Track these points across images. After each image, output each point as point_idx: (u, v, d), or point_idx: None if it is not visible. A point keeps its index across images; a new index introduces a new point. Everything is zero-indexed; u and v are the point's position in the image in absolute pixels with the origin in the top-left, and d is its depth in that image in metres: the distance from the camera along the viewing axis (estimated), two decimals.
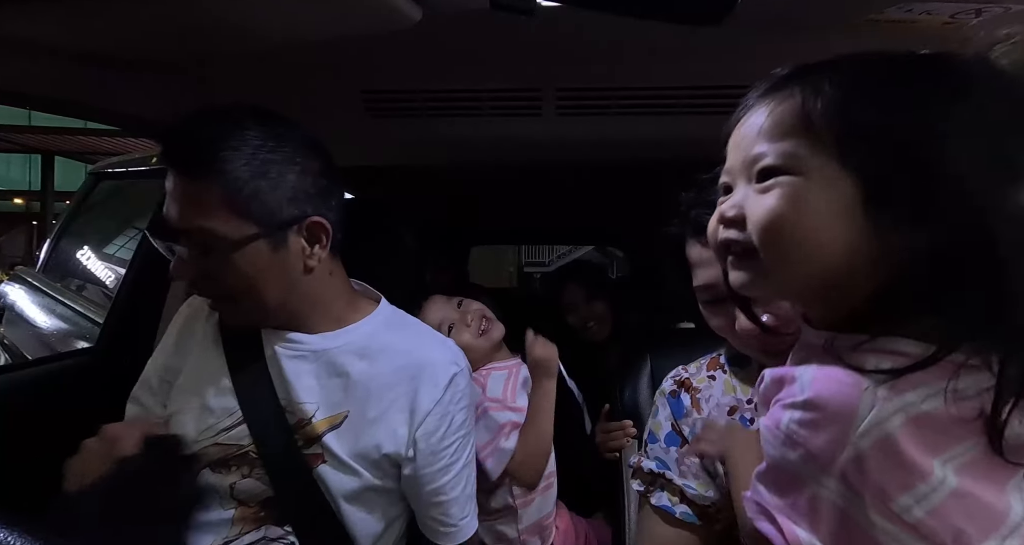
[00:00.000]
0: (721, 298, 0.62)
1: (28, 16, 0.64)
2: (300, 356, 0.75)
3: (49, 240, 2.59)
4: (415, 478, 0.75)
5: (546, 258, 7.72)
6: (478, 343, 1.08)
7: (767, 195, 0.41)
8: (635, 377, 1.02)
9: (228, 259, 0.66)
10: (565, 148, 1.20)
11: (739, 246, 0.43)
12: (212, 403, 0.75)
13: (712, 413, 0.68)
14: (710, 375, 0.72)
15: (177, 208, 0.66)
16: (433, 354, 0.79)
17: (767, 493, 0.42)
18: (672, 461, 0.69)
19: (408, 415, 0.74)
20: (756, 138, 0.43)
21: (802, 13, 0.71)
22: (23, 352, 2.06)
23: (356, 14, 0.67)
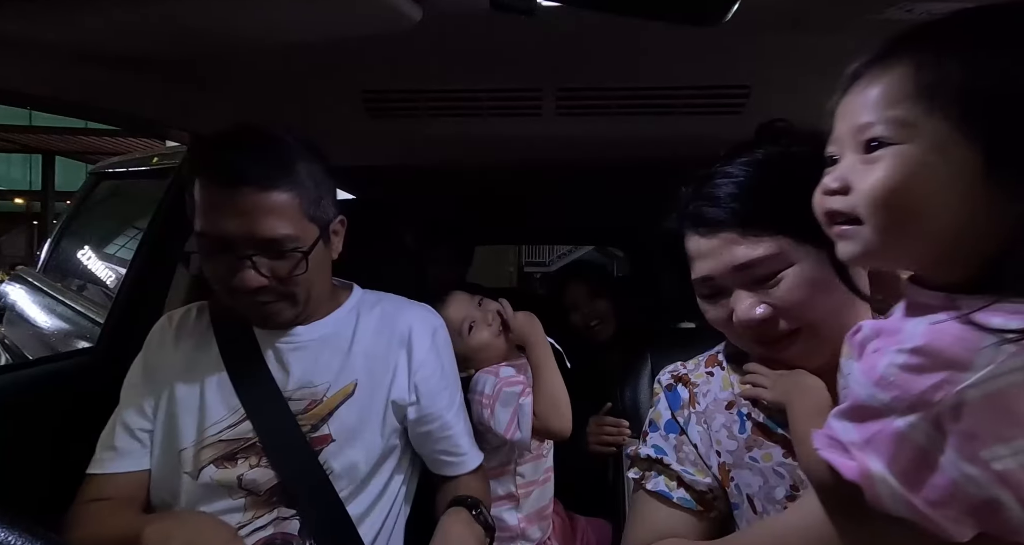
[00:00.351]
0: (719, 291, 0.63)
1: (28, 16, 0.64)
2: (300, 347, 0.81)
3: (49, 240, 2.59)
4: (421, 418, 0.84)
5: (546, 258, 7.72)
6: (497, 342, 1.09)
7: (875, 165, 0.41)
8: (635, 377, 1.03)
9: (301, 262, 0.73)
10: (565, 148, 1.20)
11: (844, 217, 0.44)
12: (213, 403, 0.78)
13: (709, 407, 0.68)
14: (708, 371, 0.72)
15: (252, 220, 0.70)
16: (415, 313, 0.89)
17: (846, 429, 0.43)
18: (671, 447, 0.69)
19: (407, 364, 0.84)
20: (864, 107, 0.43)
21: (802, 14, 0.71)
22: (23, 352, 2.06)
23: (356, 14, 0.67)
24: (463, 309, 1.09)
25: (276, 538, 0.75)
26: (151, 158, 2.15)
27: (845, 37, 0.76)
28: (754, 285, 0.60)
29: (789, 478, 0.61)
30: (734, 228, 0.60)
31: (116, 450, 0.78)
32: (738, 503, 0.64)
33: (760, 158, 0.63)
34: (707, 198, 0.63)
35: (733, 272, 0.61)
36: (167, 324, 0.85)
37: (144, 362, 0.83)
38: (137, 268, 1.23)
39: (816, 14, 0.70)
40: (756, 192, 0.61)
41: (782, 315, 0.60)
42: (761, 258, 0.59)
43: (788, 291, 0.59)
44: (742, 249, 0.60)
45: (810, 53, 0.83)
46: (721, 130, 1.07)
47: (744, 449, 0.64)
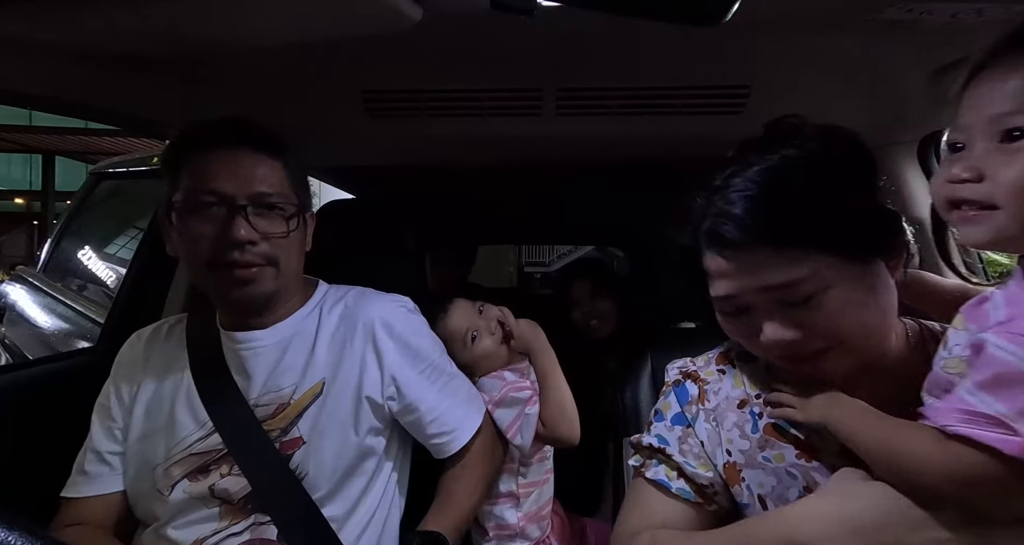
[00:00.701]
0: (744, 308, 0.59)
1: (28, 16, 0.64)
2: (261, 351, 0.81)
3: (50, 240, 2.59)
4: (405, 408, 0.84)
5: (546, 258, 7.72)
6: (500, 350, 1.09)
7: (1019, 155, 0.42)
8: (635, 377, 1.02)
9: (286, 221, 0.78)
10: (565, 148, 1.20)
11: (975, 204, 0.44)
12: (183, 418, 0.79)
13: (721, 405, 0.67)
14: (719, 369, 0.71)
15: (246, 175, 0.76)
16: (380, 304, 0.89)
17: (995, 401, 0.42)
18: (674, 439, 0.67)
19: (375, 358, 0.83)
20: (1004, 97, 0.43)
21: (802, 14, 0.71)
22: (23, 352, 2.06)
23: (356, 14, 0.67)
24: (466, 319, 1.08)
25: (254, 543, 0.75)
26: (151, 158, 2.15)
27: (845, 37, 0.76)
28: (784, 306, 0.56)
29: (802, 479, 0.60)
30: (763, 247, 0.55)
31: (86, 474, 0.79)
32: (749, 503, 0.62)
33: (779, 164, 0.58)
34: (726, 215, 0.57)
35: (761, 293, 0.56)
36: (136, 342, 0.86)
37: (114, 383, 0.83)
38: (137, 268, 1.23)
39: (816, 14, 0.70)
40: (786, 206, 0.55)
41: (814, 336, 0.56)
42: (796, 281, 0.54)
43: (824, 315, 0.55)
44: (773, 271, 0.55)
45: (810, 53, 0.83)
46: (721, 130, 1.07)
47: (756, 449, 0.63)
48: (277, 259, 0.78)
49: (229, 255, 0.74)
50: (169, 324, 0.89)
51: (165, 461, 0.77)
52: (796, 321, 0.56)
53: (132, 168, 2.28)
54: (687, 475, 0.65)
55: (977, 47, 0.77)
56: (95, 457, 0.80)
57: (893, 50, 0.79)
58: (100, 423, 0.81)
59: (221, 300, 0.82)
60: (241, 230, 0.73)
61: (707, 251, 0.60)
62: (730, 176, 0.59)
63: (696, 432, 0.67)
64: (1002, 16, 0.66)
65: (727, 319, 0.62)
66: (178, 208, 0.76)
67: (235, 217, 0.74)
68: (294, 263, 0.82)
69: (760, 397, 0.66)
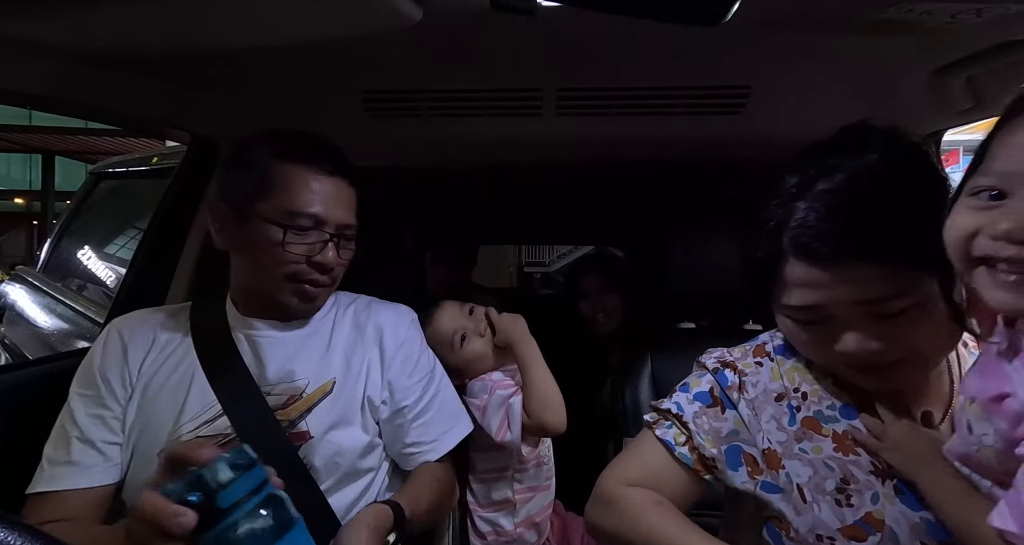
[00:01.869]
0: (824, 318, 0.58)
1: (28, 16, 0.64)
2: (278, 341, 0.84)
3: (49, 240, 2.59)
4: (394, 414, 0.86)
5: (546, 258, 7.71)
6: (489, 351, 1.08)
7: None
8: (636, 377, 1.03)
9: (352, 247, 0.85)
10: (565, 148, 1.20)
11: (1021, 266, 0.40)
12: (190, 400, 0.78)
13: (759, 397, 0.67)
14: (757, 361, 0.70)
15: (342, 206, 0.81)
16: (388, 310, 0.94)
17: None
18: (691, 411, 0.68)
19: (379, 362, 0.87)
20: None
21: (802, 13, 0.71)
22: (23, 352, 2.06)
23: (356, 14, 0.67)
24: (454, 321, 1.08)
25: None
26: (151, 158, 2.15)
27: (845, 37, 0.76)
28: (873, 317, 0.56)
29: (839, 471, 0.61)
30: (861, 261, 0.54)
31: (75, 465, 0.74)
32: (787, 489, 0.63)
33: (865, 172, 0.56)
34: (817, 226, 0.55)
35: (852, 305, 0.55)
36: (115, 334, 0.83)
37: (99, 372, 0.79)
38: (137, 268, 1.23)
39: (816, 14, 0.70)
40: (882, 221, 0.53)
41: (895, 348, 0.56)
42: (891, 295, 0.54)
43: (912, 330, 0.55)
44: (869, 285, 0.54)
45: (810, 53, 0.83)
46: (721, 130, 1.08)
47: (794, 441, 0.64)
48: (339, 278, 0.85)
49: (311, 275, 0.80)
50: (164, 312, 0.88)
51: (171, 443, 0.75)
52: (881, 333, 0.56)
53: (132, 168, 2.28)
54: (694, 444, 0.67)
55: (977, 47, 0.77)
56: (87, 446, 0.76)
57: (893, 50, 0.79)
58: (87, 412, 0.77)
59: (274, 303, 0.83)
60: (331, 256, 0.80)
61: (794, 261, 0.58)
62: (812, 182, 0.57)
63: (740, 414, 0.67)
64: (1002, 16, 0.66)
65: (801, 328, 0.61)
66: (271, 217, 0.77)
67: (328, 244, 0.80)
68: None
69: (799, 391, 0.67)
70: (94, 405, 0.78)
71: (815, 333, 0.60)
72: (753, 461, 0.65)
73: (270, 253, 0.78)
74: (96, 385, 0.79)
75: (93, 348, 0.83)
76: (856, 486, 0.60)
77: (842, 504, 0.60)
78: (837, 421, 0.64)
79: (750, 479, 0.65)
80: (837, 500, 0.60)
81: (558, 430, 1.01)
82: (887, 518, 0.58)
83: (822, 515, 0.60)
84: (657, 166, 1.32)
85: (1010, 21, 0.67)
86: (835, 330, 0.58)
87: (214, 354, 0.81)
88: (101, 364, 0.80)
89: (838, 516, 0.59)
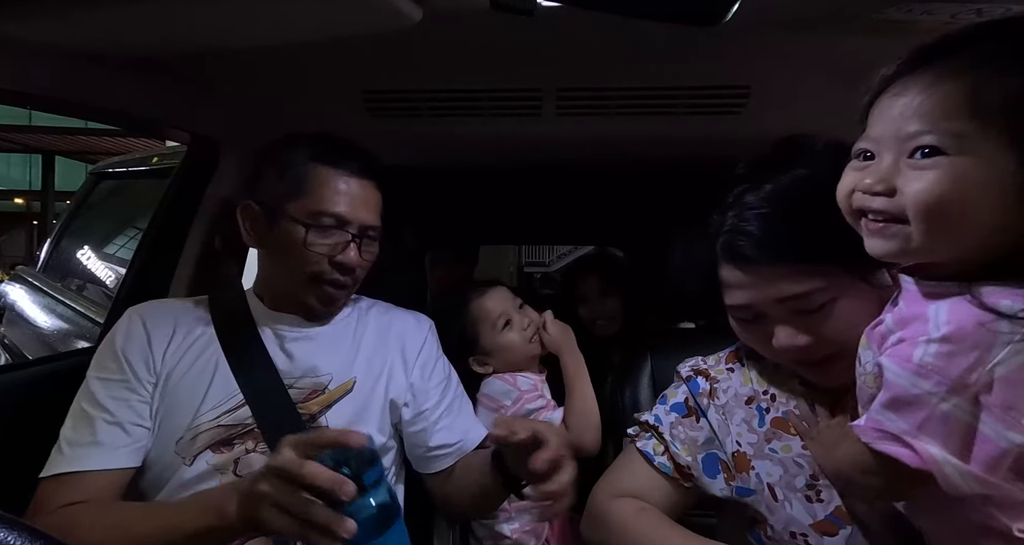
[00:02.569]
0: (757, 316, 0.63)
1: (28, 16, 0.64)
2: (306, 337, 0.85)
3: (49, 240, 2.59)
4: (414, 417, 0.88)
5: (546, 258, 7.71)
6: (525, 348, 1.10)
7: (927, 172, 0.43)
8: (635, 377, 1.03)
9: (375, 250, 0.86)
10: (565, 148, 1.20)
11: (883, 215, 0.45)
12: (213, 389, 0.78)
13: (729, 402, 0.71)
14: (728, 367, 0.75)
15: (367, 207, 0.83)
16: (408, 317, 0.96)
17: (896, 419, 0.45)
18: (668, 422, 0.73)
19: (402, 364, 0.89)
20: (915, 115, 0.44)
21: (802, 13, 0.71)
22: (23, 352, 2.06)
23: (356, 14, 0.67)
24: (502, 304, 1.10)
25: None
26: (151, 158, 2.15)
27: (845, 37, 0.76)
28: (798, 314, 0.60)
29: (808, 468, 0.64)
30: (779, 262, 0.59)
31: (101, 445, 0.73)
32: (757, 489, 0.66)
33: (790, 183, 0.62)
34: (742, 232, 0.61)
35: (775, 303, 0.61)
36: (137, 319, 0.82)
37: (123, 355, 0.78)
38: (137, 268, 1.23)
39: (816, 14, 0.70)
40: (798, 224, 0.59)
41: (824, 342, 0.60)
42: (807, 292, 0.59)
43: (834, 322, 0.59)
44: (787, 284, 0.59)
45: (810, 53, 0.83)
46: (721, 130, 1.08)
47: (764, 441, 0.68)
48: (360, 279, 0.86)
49: (334, 275, 0.81)
50: (182, 303, 0.89)
51: (190, 431, 0.76)
52: (807, 328, 0.60)
53: (132, 168, 2.28)
54: (671, 453, 0.71)
55: None
56: (114, 427, 0.74)
57: (893, 50, 0.79)
58: (111, 395, 0.76)
59: (298, 301, 0.84)
60: (352, 257, 0.81)
61: (724, 264, 0.64)
62: (743, 193, 0.63)
63: (709, 421, 0.72)
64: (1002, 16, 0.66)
65: (741, 325, 0.66)
66: (299, 216, 0.79)
67: (351, 244, 0.81)
68: None
69: (768, 393, 0.70)
70: (119, 388, 0.77)
71: (755, 331, 0.65)
72: (728, 468, 0.69)
73: (295, 253, 0.80)
74: (121, 368, 0.78)
75: (113, 333, 0.81)
76: (825, 481, 0.63)
77: (812, 500, 0.63)
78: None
79: (726, 485, 0.69)
80: (808, 496, 0.63)
81: (593, 451, 1.02)
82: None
83: (794, 512, 0.63)
84: (657, 166, 1.32)
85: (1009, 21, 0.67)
86: (768, 326, 0.63)
87: (239, 346, 0.82)
88: (124, 347, 0.79)
89: (809, 512, 0.62)
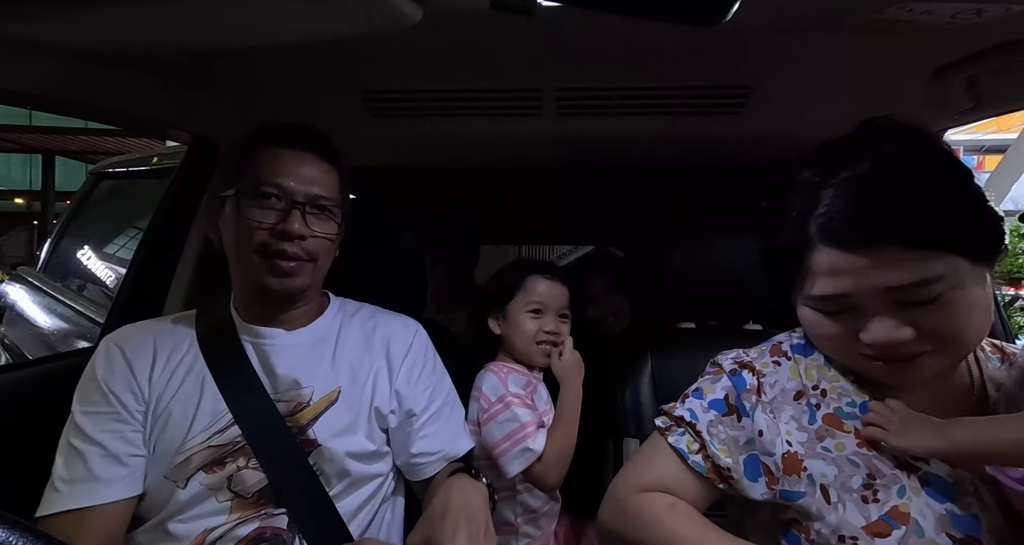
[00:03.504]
0: (851, 308, 0.58)
1: (28, 16, 0.64)
2: (286, 348, 0.83)
3: (49, 240, 2.59)
4: (401, 424, 0.87)
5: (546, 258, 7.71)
6: (531, 346, 1.09)
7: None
8: (636, 377, 1.02)
9: (332, 224, 0.84)
10: (565, 148, 1.20)
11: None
12: (202, 410, 0.77)
13: (777, 398, 0.66)
14: (775, 360, 0.70)
15: (308, 178, 0.82)
16: (394, 321, 0.94)
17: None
18: (706, 420, 0.67)
19: (387, 371, 0.87)
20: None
21: (802, 13, 0.71)
22: (23, 352, 2.06)
23: (356, 14, 0.67)
24: (548, 297, 1.10)
25: (266, 531, 0.75)
26: (151, 158, 2.15)
27: (845, 37, 0.76)
28: (904, 305, 0.55)
29: (865, 467, 0.60)
30: (893, 246, 0.53)
31: (99, 479, 0.72)
32: (808, 492, 0.61)
33: (894, 160, 0.56)
34: (851, 211, 0.55)
35: (882, 292, 0.55)
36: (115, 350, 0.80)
37: (107, 388, 0.77)
38: (138, 268, 1.23)
39: (816, 14, 0.70)
40: (918, 202, 0.53)
41: (928, 338, 0.55)
42: (928, 280, 0.53)
43: (950, 315, 0.54)
44: (904, 269, 0.53)
45: (810, 53, 0.83)
46: (721, 130, 1.08)
47: (816, 439, 0.63)
48: (318, 256, 0.83)
49: (279, 245, 0.79)
50: (161, 322, 0.87)
51: (182, 454, 0.75)
52: (913, 320, 0.55)
53: (132, 168, 2.28)
54: (708, 453, 0.66)
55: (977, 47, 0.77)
56: (109, 461, 0.74)
57: (893, 50, 0.79)
58: (102, 428, 0.75)
59: (257, 289, 0.82)
60: (296, 224, 0.79)
61: (822, 248, 0.57)
62: (833, 172, 0.57)
63: (755, 422, 0.65)
64: (1002, 16, 0.66)
65: (825, 318, 0.61)
66: (240, 195, 0.80)
67: (292, 211, 0.79)
68: (326, 264, 0.87)
69: (818, 388, 0.66)
70: (110, 421, 0.76)
71: (840, 324, 0.59)
72: (770, 471, 0.64)
73: (243, 230, 0.79)
74: (108, 401, 0.76)
75: (92, 365, 0.80)
76: (883, 481, 0.59)
77: (868, 501, 0.59)
78: (857, 418, 0.63)
79: (768, 489, 0.64)
80: (864, 497, 0.59)
81: (552, 489, 1.02)
82: (912, 510, 0.57)
83: (846, 515, 0.59)
84: (657, 166, 1.32)
85: (1010, 21, 0.67)
86: (862, 320, 0.57)
87: (225, 364, 0.81)
88: (107, 380, 0.77)
89: (863, 514, 0.58)
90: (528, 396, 1.05)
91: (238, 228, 0.80)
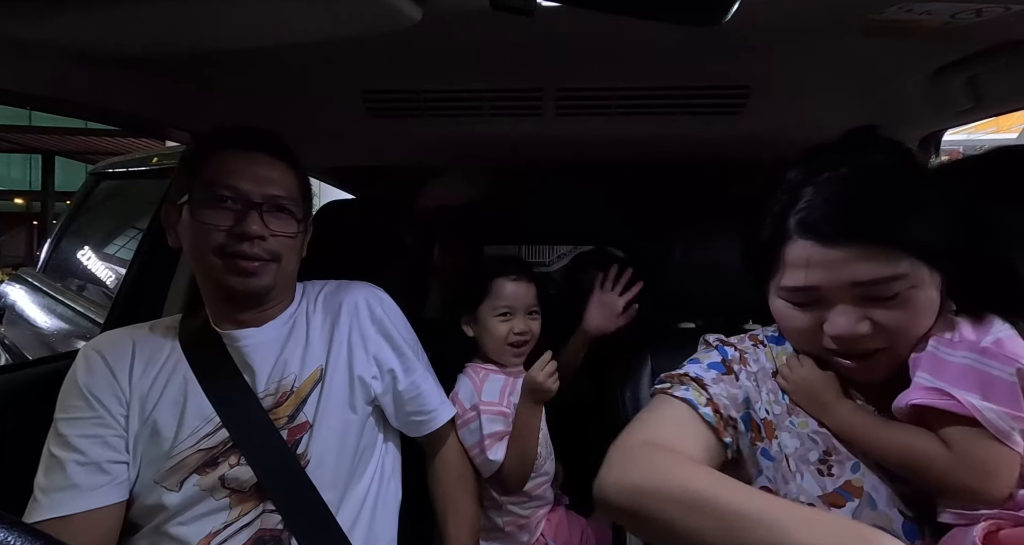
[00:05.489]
0: (818, 301, 0.62)
1: (28, 16, 0.63)
2: (263, 344, 0.85)
3: (49, 240, 2.59)
4: (387, 387, 0.90)
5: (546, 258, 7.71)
6: (501, 347, 1.11)
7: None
8: (635, 377, 1.02)
9: (291, 223, 0.84)
10: (565, 148, 1.20)
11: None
12: (188, 414, 0.78)
13: (759, 372, 0.71)
14: (753, 345, 0.75)
15: (263, 179, 0.81)
16: (358, 289, 0.95)
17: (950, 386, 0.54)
18: (710, 377, 0.69)
19: (360, 338, 0.89)
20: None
21: (802, 13, 0.70)
22: (23, 352, 2.06)
23: (356, 14, 0.67)
24: (515, 298, 1.11)
25: (265, 534, 0.76)
26: (151, 158, 2.15)
27: (845, 37, 0.76)
28: (866, 301, 0.59)
29: (823, 444, 0.65)
30: (862, 242, 0.57)
31: (78, 487, 0.72)
32: (778, 458, 0.66)
33: (872, 166, 0.60)
34: (827, 207, 0.59)
35: (850, 287, 0.59)
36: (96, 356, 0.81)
37: (88, 393, 0.77)
38: (137, 268, 1.23)
39: (815, 14, 0.70)
40: (888, 204, 0.57)
41: (882, 334, 0.59)
42: (889, 277, 0.57)
43: (905, 313, 0.58)
44: (871, 265, 0.57)
45: (810, 53, 0.83)
46: (721, 130, 1.08)
47: (785, 414, 0.68)
48: (280, 256, 0.83)
49: (238, 247, 0.79)
50: (141, 329, 0.86)
51: (172, 459, 0.76)
52: (872, 316, 0.59)
53: (132, 168, 2.28)
54: (716, 405, 0.67)
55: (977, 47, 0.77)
56: (89, 468, 0.73)
57: (893, 50, 0.79)
58: (82, 434, 0.75)
59: (221, 292, 0.82)
60: (253, 225, 0.79)
61: (798, 240, 0.61)
62: (815, 173, 0.62)
63: (741, 382, 0.70)
64: (1002, 16, 0.66)
65: (793, 309, 0.64)
66: (195, 200, 0.79)
67: (249, 212, 0.79)
68: (292, 264, 0.87)
69: None
70: (90, 426, 0.75)
71: (805, 316, 0.63)
72: (758, 428, 0.68)
73: (201, 234, 0.79)
74: (90, 405, 0.76)
75: (73, 373, 0.79)
76: (838, 457, 0.63)
77: (824, 474, 0.63)
78: None
79: (752, 445, 0.68)
80: (819, 470, 0.63)
81: (515, 492, 1.07)
82: (865, 485, 0.61)
83: (804, 483, 0.63)
84: (657, 166, 1.32)
85: (1010, 21, 0.67)
86: (823, 313, 0.62)
87: (210, 370, 0.81)
88: (88, 384, 0.77)
89: (819, 484, 0.62)
90: (503, 400, 1.07)
91: (195, 232, 0.79)
